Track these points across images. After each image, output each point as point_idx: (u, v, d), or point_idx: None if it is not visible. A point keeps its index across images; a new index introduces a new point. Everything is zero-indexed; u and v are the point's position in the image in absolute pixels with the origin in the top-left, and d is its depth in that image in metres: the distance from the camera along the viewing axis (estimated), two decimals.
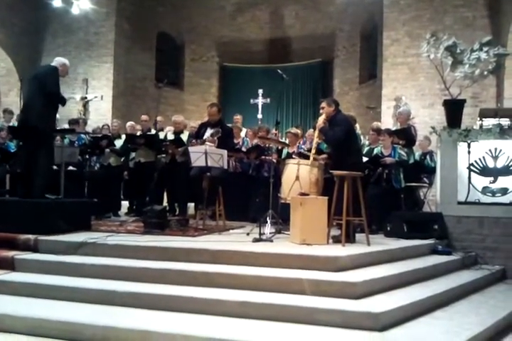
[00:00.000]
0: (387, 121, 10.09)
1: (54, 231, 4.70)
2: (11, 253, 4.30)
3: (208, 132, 5.92)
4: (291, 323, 3.26)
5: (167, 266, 3.94)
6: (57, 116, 7.22)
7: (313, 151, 5.25)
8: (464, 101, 5.99)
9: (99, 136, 7.52)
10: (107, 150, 7.34)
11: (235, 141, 7.36)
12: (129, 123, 8.36)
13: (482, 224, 5.57)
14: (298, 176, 5.34)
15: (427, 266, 4.57)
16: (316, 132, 5.23)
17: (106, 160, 7.43)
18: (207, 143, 5.73)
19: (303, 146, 6.95)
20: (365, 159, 5.99)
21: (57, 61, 5.62)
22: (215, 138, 5.76)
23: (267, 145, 6.85)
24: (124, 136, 7.65)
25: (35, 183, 5.14)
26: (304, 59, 13.92)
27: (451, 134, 5.74)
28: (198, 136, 6.14)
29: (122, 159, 7.68)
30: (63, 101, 5.54)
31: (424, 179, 7.03)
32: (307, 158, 5.67)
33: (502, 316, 3.74)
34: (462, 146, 5.76)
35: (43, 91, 5.22)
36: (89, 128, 9.79)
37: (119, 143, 7.51)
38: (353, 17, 13.19)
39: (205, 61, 14.68)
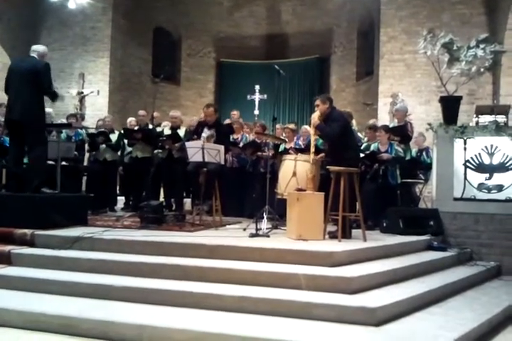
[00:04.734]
0: (384, 118, 10.12)
1: (50, 225, 4.69)
2: (7, 248, 4.30)
3: (205, 133, 5.97)
4: (287, 318, 3.27)
5: (163, 261, 3.94)
6: (51, 110, 7.24)
7: (312, 150, 5.25)
8: (460, 97, 6.00)
9: (95, 132, 7.49)
10: (103, 145, 7.32)
11: (235, 137, 7.37)
12: (129, 119, 8.32)
13: (477, 220, 5.60)
14: (295, 172, 5.36)
15: (423, 261, 4.59)
16: (312, 129, 5.22)
17: (101, 155, 7.42)
18: None
19: (299, 142, 6.95)
20: (361, 155, 6.01)
21: (38, 51, 5.33)
22: (211, 141, 5.77)
23: (263, 140, 6.85)
24: (117, 131, 7.63)
25: (30, 178, 5.12)
26: (301, 55, 13.91)
27: (448, 131, 5.77)
28: (195, 134, 6.17)
29: (118, 153, 7.67)
30: (56, 97, 5.45)
31: (420, 175, 7.06)
32: (303, 152, 5.67)
33: (496, 312, 3.76)
34: (458, 143, 5.78)
35: (39, 89, 5.15)
36: (86, 123, 9.75)
37: (113, 137, 7.48)
38: (351, 13, 13.21)
39: (201, 56, 14.65)
